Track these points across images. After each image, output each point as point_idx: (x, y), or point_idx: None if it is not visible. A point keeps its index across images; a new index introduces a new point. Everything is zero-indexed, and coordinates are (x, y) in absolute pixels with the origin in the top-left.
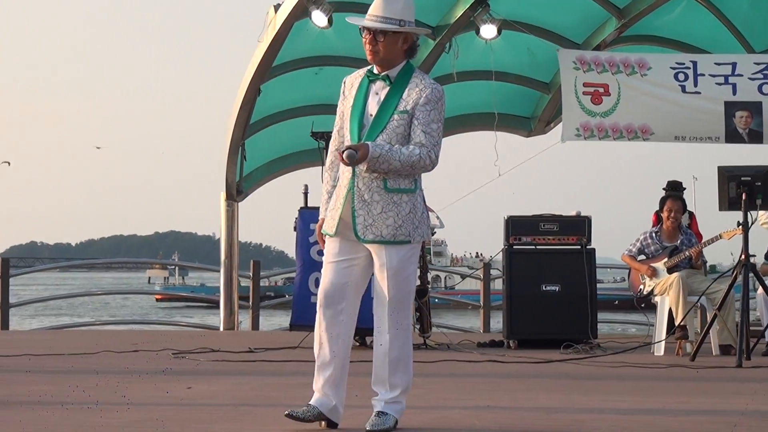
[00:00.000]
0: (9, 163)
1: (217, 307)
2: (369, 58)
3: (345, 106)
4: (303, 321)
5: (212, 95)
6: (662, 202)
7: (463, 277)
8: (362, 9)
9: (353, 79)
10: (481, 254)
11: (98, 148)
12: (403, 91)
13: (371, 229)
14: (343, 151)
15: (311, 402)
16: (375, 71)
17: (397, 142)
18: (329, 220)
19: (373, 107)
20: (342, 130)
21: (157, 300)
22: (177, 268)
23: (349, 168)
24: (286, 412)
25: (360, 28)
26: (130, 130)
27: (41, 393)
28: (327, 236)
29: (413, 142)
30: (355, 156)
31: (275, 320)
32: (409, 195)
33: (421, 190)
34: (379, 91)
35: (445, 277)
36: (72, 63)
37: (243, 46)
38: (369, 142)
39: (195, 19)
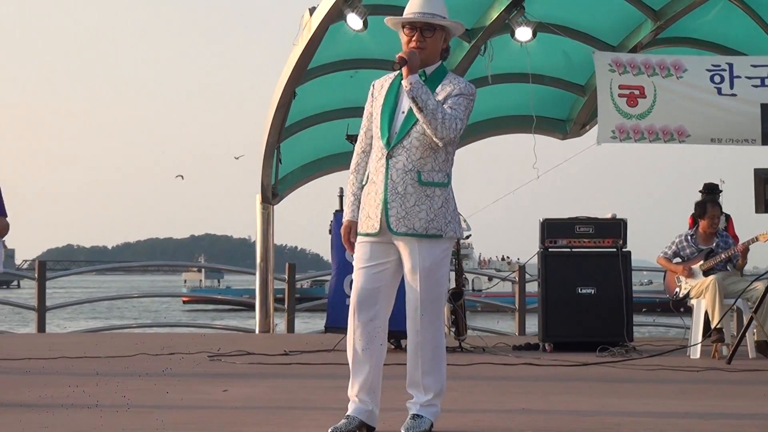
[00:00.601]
0: (183, 177)
1: (244, 309)
2: None
3: (374, 106)
4: (338, 323)
5: (248, 98)
6: (702, 207)
7: (490, 279)
8: (398, 11)
9: (383, 81)
10: (508, 257)
11: (237, 158)
12: (436, 86)
13: (404, 221)
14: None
15: (349, 413)
16: None
17: (429, 137)
18: (368, 219)
19: (405, 104)
20: (369, 132)
21: (184, 302)
22: (204, 270)
23: (383, 163)
24: (329, 429)
25: (402, 26)
26: (167, 135)
27: (77, 395)
28: (361, 237)
29: None
30: (416, 55)
31: (311, 323)
32: (442, 189)
33: (452, 186)
34: None
35: (473, 280)
36: (109, 69)
37: (278, 49)
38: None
39: (232, 23)
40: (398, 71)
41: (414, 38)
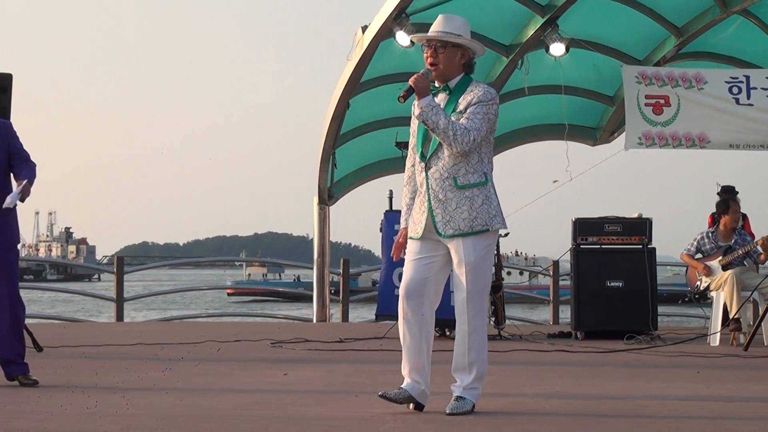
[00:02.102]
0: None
1: (286, 300)
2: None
3: (415, 124)
4: (387, 311)
5: (307, 109)
6: (725, 205)
7: (521, 272)
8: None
9: None
10: (525, 253)
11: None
12: (459, 97)
13: (450, 224)
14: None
15: (403, 386)
16: (436, 85)
17: None
18: (414, 224)
19: None
20: (415, 147)
21: (228, 294)
22: (245, 264)
23: (423, 175)
24: (380, 392)
25: (422, 44)
26: (235, 142)
27: (154, 379)
28: (410, 239)
29: None
30: (429, 76)
31: (361, 313)
32: (480, 188)
33: (493, 183)
34: (441, 102)
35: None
36: (182, 78)
37: (333, 64)
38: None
39: (290, 39)
40: (428, 90)
41: (429, 54)
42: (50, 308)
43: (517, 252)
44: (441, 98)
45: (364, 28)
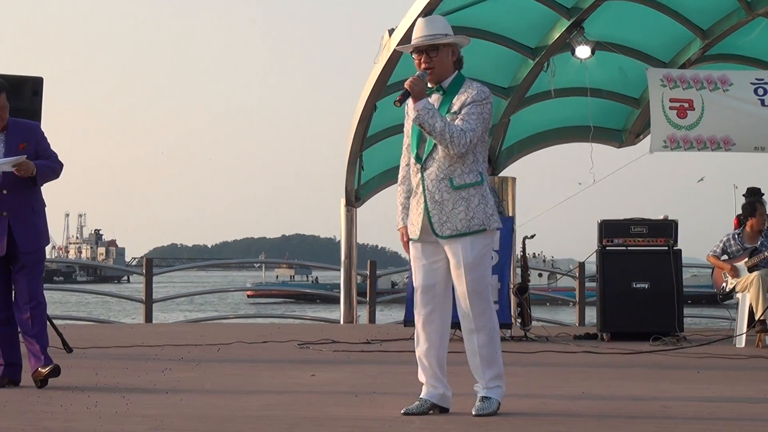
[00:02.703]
0: (702, 179)
1: (301, 300)
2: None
3: (409, 124)
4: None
5: (334, 112)
6: (752, 206)
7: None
8: (463, 31)
9: None
10: (544, 255)
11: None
12: (454, 96)
13: (447, 225)
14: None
15: (421, 396)
16: (429, 85)
17: None
18: (411, 225)
19: None
20: (410, 147)
21: (248, 296)
22: (264, 266)
23: (420, 176)
24: (403, 411)
25: (411, 52)
26: (262, 144)
27: (182, 379)
28: (411, 241)
29: None
30: (424, 78)
31: (388, 315)
32: (476, 188)
33: (488, 182)
34: (435, 102)
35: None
36: (212, 81)
37: (361, 67)
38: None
39: (319, 42)
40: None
41: (422, 60)
42: (80, 310)
43: (534, 254)
44: (435, 99)
45: (391, 31)
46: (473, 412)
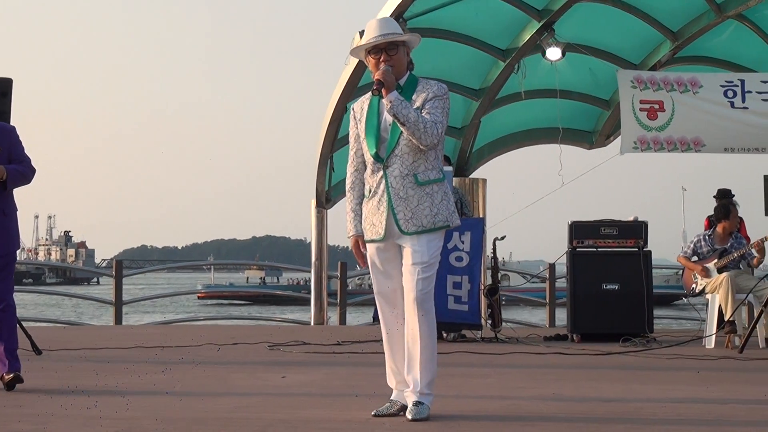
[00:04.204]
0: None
1: (254, 303)
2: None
3: (359, 128)
4: None
5: (305, 113)
6: (725, 210)
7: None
8: (436, 33)
9: (362, 103)
10: (503, 258)
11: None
12: (412, 94)
13: (413, 221)
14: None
15: (392, 397)
16: None
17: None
18: (372, 227)
19: (389, 117)
20: (359, 151)
21: (199, 298)
22: (213, 267)
23: (381, 174)
24: (373, 412)
25: (368, 52)
26: (233, 146)
27: (152, 381)
28: (371, 244)
29: None
30: (390, 71)
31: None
32: (439, 185)
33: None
34: None
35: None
36: (180, 82)
37: (332, 68)
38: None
39: (290, 44)
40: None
41: (381, 59)
42: (49, 312)
43: (504, 260)
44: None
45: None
46: (409, 417)
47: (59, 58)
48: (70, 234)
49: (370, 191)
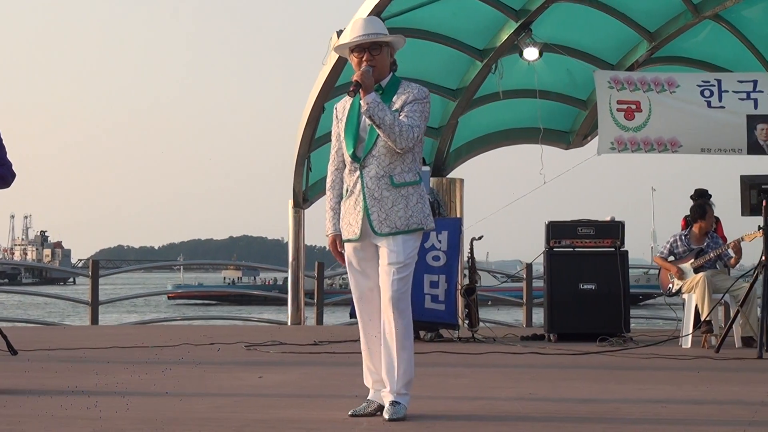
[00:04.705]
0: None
1: (221, 303)
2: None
3: (340, 127)
4: None
5: (282, 113)
6: (702, 209)
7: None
8: (415, 33)
9: (344, 103)
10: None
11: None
12: (393, 96)
13: (386, 222)
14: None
15: (369, 397)
16: None
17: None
18: (349, 226)
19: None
20: (340, 150)
21: (169, 298)
22: (182, 268)
23: (358, 174)
24: (350, 412)
25: (351, 50)
26: (209, 145)
27: (128, 381)
28: (347, 243)
29: None
30: (370, 72)
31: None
32: (415, 187)
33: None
34: None
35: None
36: (159, 83)
37: (310, 68)
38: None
39: (267, 43)
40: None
41: (364, 58)
42: (25, 312)
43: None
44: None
45: (339, 33)
46: (386, 417)
47: (34, 56)
48: (47, 234)
49: (347, 190)
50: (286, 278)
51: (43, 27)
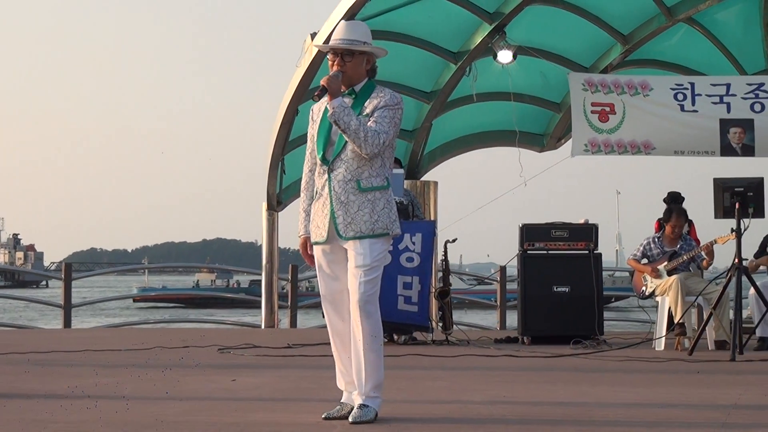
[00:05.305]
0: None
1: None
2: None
3: (314, 129)
4: None
5: (256, 115)
6: (668, 214)
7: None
8: (385, 36)
9: (320, 105)
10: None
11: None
12: (365, 101)
13: (351, 226)
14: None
15: (342, 400)
16: (342, 89)
17: None
18: (317, 229)
19: None
20: (314, 152)
21: (134, 301)
22: (147, 271)
23: (326, 177)
24: (324, 415)
25: (327, 52)
26: (183, 147)
27: (102, 385)
28: (316, 246)
29: None
30: (339, 77)
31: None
32: (382, 192)
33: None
34: None
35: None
36: (131, 87)
37: (283, 70)
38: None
39: (241, 45)
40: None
41: (336, 62)
42: None
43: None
44: (346, 102)
45: (313, 35)
46: (350, 420)
47: (7, 58)
48: (19, 237)
49: (317, 193)
50: (252, 281)
51: (11, 30)
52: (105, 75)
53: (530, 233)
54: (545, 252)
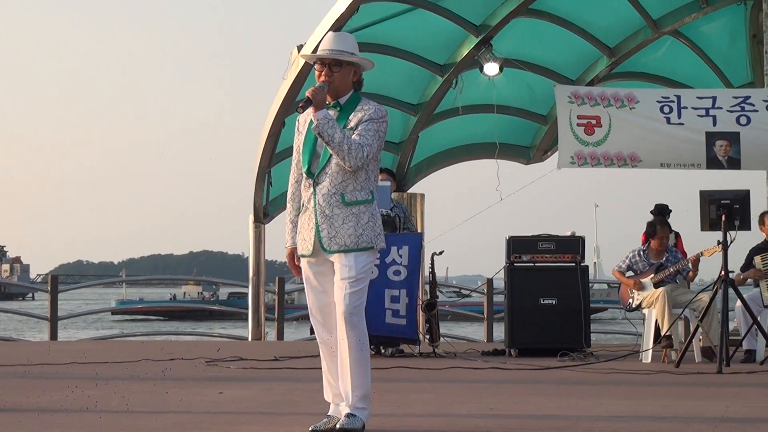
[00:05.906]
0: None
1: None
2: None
3: (300, 140)
4: None
5: (242, 127)
6: (653, 227)
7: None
8: (373, 47)
9: (306, 116)
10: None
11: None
12: (350, 114)
13: (335, 240)
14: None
15: (329, 413)
16: (327, 101)
17: None
18: (303, 242)
19: None
20: (300, 163)
21: (112, 314)
22: (125, 284)
23: (311, 190)
24: (310, 428)
25: (313, 62)
26: (169, 160)
27: (87, 399)
28: (303, 258)
29: None
30: (324, 89)
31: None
32: (367, 205)
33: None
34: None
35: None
36: (115, 95)
37: (270, 82)
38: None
39: (227, 57)
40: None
41: (323, 73)
42: None
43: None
44: (331, 114)
45: (300, 47)
46: (337, 427)
47: None
48: (5, 249)
49: (302, 205)
50: (231, 293)
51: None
52: (88, 86)
53: (517, 245)
54: (532, 264)
